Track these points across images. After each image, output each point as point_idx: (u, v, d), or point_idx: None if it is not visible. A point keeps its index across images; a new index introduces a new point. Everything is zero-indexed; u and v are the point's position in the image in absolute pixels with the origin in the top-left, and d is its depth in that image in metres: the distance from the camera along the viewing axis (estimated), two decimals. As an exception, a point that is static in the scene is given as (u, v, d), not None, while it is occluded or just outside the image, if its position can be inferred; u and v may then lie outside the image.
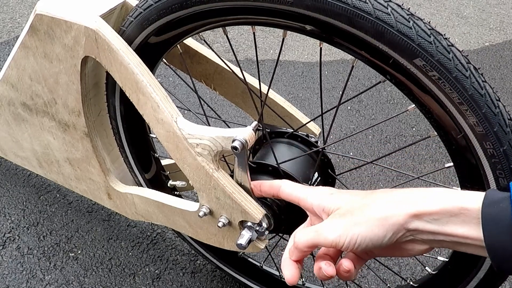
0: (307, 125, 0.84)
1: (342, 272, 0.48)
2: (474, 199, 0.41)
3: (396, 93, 1.76)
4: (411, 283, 0.80)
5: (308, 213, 0.57)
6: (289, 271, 0.51)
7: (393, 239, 0.44)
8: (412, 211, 0.42)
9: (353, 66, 0.62)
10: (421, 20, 0.52)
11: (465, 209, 0.41)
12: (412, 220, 0.43)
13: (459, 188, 0.61)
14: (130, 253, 1.15)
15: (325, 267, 0.48)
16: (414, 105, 0.60)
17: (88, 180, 0.94)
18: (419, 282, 0.78)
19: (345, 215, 0.46)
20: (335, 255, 0.51)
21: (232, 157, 0.70)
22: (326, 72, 1.87)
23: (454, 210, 0.41)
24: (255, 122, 0.63)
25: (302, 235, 0.49)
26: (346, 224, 0.45)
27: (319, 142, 0.76)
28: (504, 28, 2.21)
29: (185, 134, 0.65)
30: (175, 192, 0.95)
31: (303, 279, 0.99)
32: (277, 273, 1.00)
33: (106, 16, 0.73)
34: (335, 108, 0.69)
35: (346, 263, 0.48)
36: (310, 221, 0.57)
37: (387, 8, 0.51)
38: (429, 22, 0.53)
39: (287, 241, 1.02)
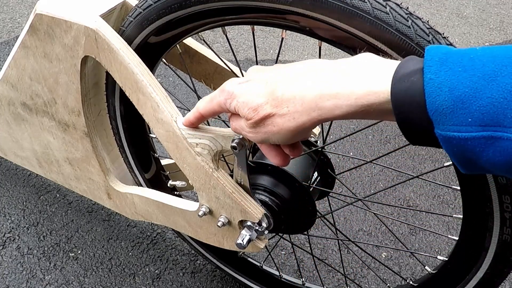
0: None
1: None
2: (382, 92, 0.38)
3: (396, 93, 1.76)
4: (411, 283, 0.80)
5: None
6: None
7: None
8: (318, 118, 0.43)
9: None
10: (420, 19, 0.52)
11: (373, 104, 0.38)
12: (320, 123, 0.44)
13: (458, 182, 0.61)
14: (130, 253, 1.15)
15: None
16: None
17: (88, 180, 0.94)
18: (419, 281, 0.78)
19: (261, 126, 0.47)
20: None
21: (232, 157, 0.70)
22: (326, 72, 1.87)
23: (364, 111, 0.39)
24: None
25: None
26: (265, 134, 0.47)
27: (318, 141, 0.76)
28: (504, 28, 2.21)
29: (185, 133, 0.65)
30: (175, 192, 0.95)
31: (303, 279, 0.99)
32: (277, 273, 1.00)
33: (106, 16, 0.73)
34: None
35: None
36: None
37: (386, 7, 0.52)
38: (427, 22, 0.53)
39: (287, 241, 1.03)
